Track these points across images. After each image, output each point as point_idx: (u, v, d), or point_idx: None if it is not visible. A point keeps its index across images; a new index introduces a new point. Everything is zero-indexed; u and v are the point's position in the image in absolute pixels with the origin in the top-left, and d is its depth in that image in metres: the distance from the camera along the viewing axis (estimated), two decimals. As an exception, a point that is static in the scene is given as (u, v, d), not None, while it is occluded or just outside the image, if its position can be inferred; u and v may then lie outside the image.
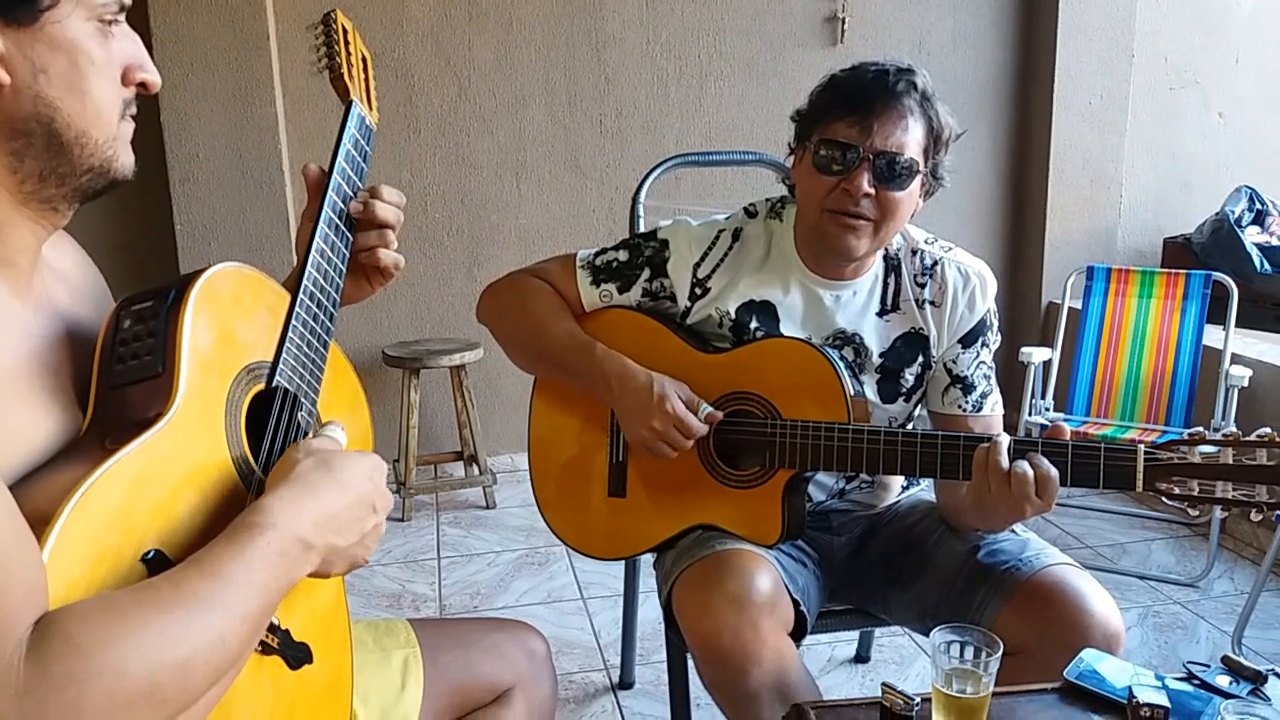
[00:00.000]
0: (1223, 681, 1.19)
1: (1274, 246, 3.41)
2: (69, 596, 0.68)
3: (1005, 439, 1.35)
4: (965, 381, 1.58)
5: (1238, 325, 2.97)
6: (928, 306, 1.57)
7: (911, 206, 1.49)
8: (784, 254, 1.58)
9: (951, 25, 3.71)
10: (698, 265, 1.59)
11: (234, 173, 3.27)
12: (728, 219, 1.63)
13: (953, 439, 1.41)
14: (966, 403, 1.58)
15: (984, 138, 3.81)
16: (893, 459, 1.43)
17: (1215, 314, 2.99)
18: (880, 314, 1.57)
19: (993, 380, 1.61)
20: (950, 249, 1.60)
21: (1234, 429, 1.32)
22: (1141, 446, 1.32)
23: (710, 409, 1.50)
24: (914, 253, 1.58)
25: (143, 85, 0.87)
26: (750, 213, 1.63)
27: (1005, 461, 1.33)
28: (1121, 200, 3.83)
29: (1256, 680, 1.19)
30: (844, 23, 3.58)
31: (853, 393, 1.47)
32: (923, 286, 1.57)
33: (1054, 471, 1.32)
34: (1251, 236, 3.47)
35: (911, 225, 1.59)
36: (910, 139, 1.44)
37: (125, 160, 0.87)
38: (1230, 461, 1.28)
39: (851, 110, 1.44)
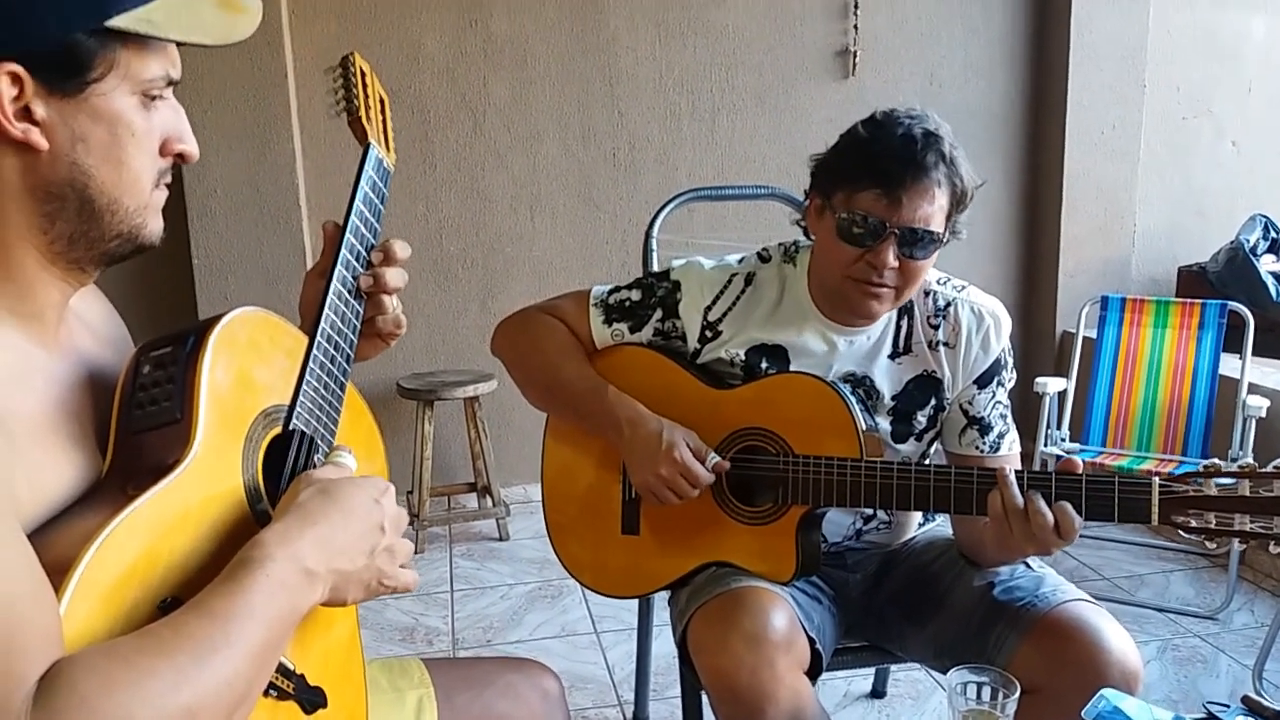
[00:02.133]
0: (1242, 723, 1.18)
1: (1290, 275, 3.39)
2: (85, 644, 0.69)
3: (1011, 475, 1.35)
4: (982, 422, 1.58)
5: (1254, 354, 2.95)
6: (941, 348, 1.57)
7: (931, 267, 1.50)
8: (797, 300, 1.58)
9: (963, 57, 3.73)
10: (709, 309, 1.59)
11: (252, 208, 3.31)
12: (740, 262, 1.63)
13: (965, 473, 1.40)
14: (984, 443, 1.58)
15: (997, 169, 3.82)
16: (905, 494, 1.43)
17: (1231, 343, 2.98)
18: (892, 356, 1.57)
19: (1009, 419, 1.61)
20: (964, 288, 1.60)
21: (1251, 460, 1.31)
22: (1156, 479, 1.31)
23: (718, 458, 1.50)
24: (927, 294, 1.58)
25: (180, 156, 0.89)
26: (764, 257, 1.63)
27: (1019, 498, 1.33)
28: (1135, 229, 3.82)
29: (1277, 722, 1.17)
30: (855, 56, 3.61)
31: (865, 427, 1.47)
32: (936, 328, 1.57)
33: (1073, 514, 1.31)
34: (1267, 265, 3.46)
35: None
36: (936, 209, 1.43)
37: (154, 227, 0.88)
38: (1247, 494, 1.27)
39: (879, 184, 1.41)
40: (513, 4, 3.43)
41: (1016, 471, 1.37)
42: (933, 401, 1.58)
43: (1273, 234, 3.61)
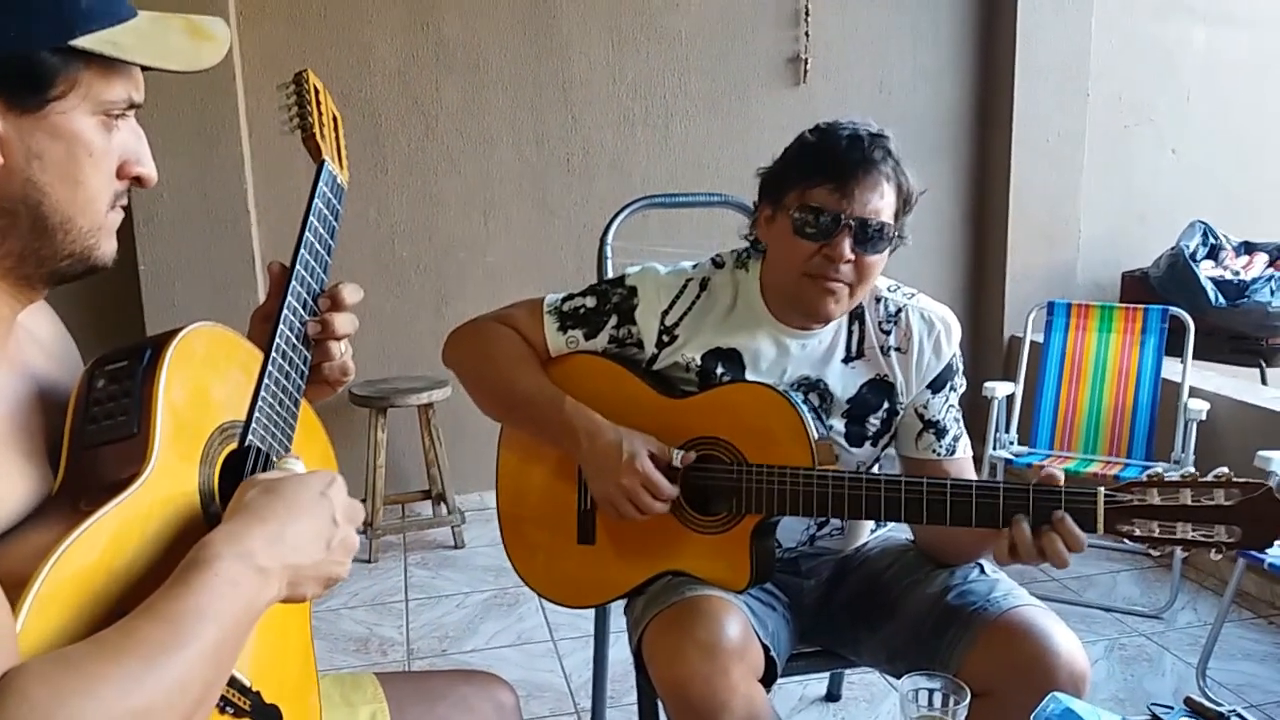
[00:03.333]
0: (1186, 723, 1.21)
1: (1227, 280, 3.48)
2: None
3: (1027, 532, 1.33)
4: (938, 426, 1.60)
5: (1194, 358, 3.02)
6: (893, 353, 1.59)
7: (882, 268, 1.52)
8: (750, 304, 1.59)
9: (912, 65, 3.78)
10: (665, 313, 1.59)
11: (199, 213, 3.25)
12: (695, 268, 1.64)
13: (915, 483, 1.42)
14: (940, 447, 1.60)
15: (945, 175, 3.88)
16: (858, 503, 1.44)
17: (1173, 347, 3.05)
18: (845, 360, 1.59)
19: (960, 423, 1.64)
20: (913, 295, 1.62)
21: (1191, 469, 1.34)
22: (1102, 490, 1.34)
23: (682, 452, 1.50)
24: (877, 300, 1.60)
25: (138, 180, 0.88)
26: (717, 263, 1.64)
27: (1031, 543, 1.33)
28: (1080, 235, 3.90)
29: (1219, 721, 1.20)
30: (806, 63, 3.64)
31: (817, 436, 1.48)
32: (887, 333, 1.59)
33: (1077, 547, 1.33)
34: (1206, 270, 3.55)
35: None
36: (885, 204, 1.47)
37: (106, 249, 0.87)
38: (1189, 502, 1.30)
39: (831, 177, 1.45)
40: (465, 8, 3.41)
41: (970, 482, 1.39)
42: (885, 405, 1.60)
43: (1211, 240, 3.70)
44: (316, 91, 1.11)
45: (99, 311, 3.20)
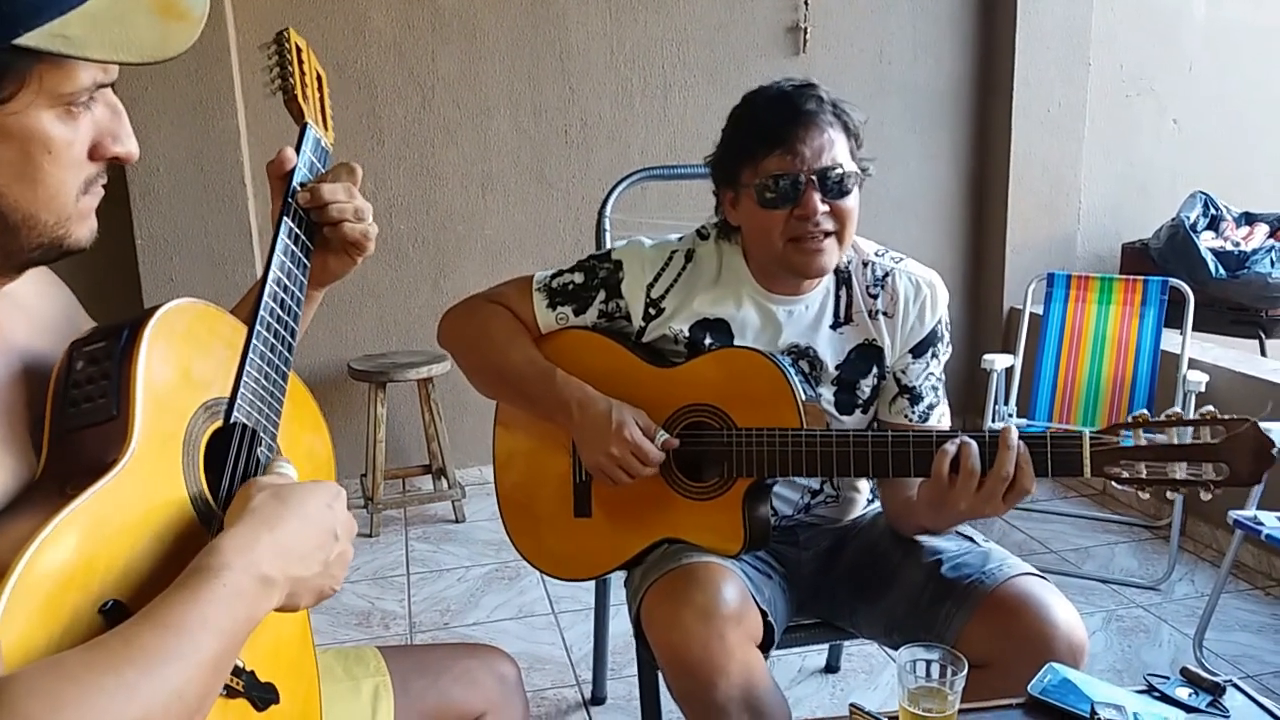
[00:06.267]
0: (1182, 694, 1.21)
1: (1228, 251, 3.47)
2: (25, 653, 0.67)
3: (974, 445, 1.36)
4: (913, 392, 1.61)
5: (1194, 330, 3.02)
6: (880, 317, 1.60)
7: (857, 207, 1.53)
8: (735, 272, 1.60)
9: (912, 35, 3.74)
10: (651, 285, 1.61)
11: (195, 186, 3.23)
12: (680, 240, 1.65)
13: (902, 439, 1.43)
14: (913, 413, 1.61)
15: (945, 145, 3.86)
16: (845, 460, 1.45)
17: (1172, 319, 3.04)
18: (834, 326, 1.60)
19: (940, 392, 1.64)
20: (901, 259, 1.63)
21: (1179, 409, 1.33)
22: (1087, 432, 1.35)
23: (666, 435, 1.52)
24: (865, 265, 1.61)
25: (116, 158, 0.82)
26: (702, 234, 1.65)
27: (978, 465, 1.35)
28: (1080, 206, 3.88)
29: (1215, 692, 1.21)
30: (806, 33, 3.61)
31: (804, 398, 1.49)
32: (875, 297, 1.60)
33: (1031, 472, 1.34)
34: (1206, 242, 3.54)
35: (862, 238, 1.62)
36: (839, 148, 1.49)
37: (80, 235, 0.82)
38: (1176, 442, 1.31)
39: (776, 142, 1.47)
40: (461, -23, 3.38)
41: (951, 429, 1.40)
42: (874, 370, 1.61)
43: (1212, 211, 3.69)
44: (299, 50, 1.10)
45: (99, 286, 3.18)
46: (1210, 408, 1.30)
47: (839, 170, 1.47)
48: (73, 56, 0.73)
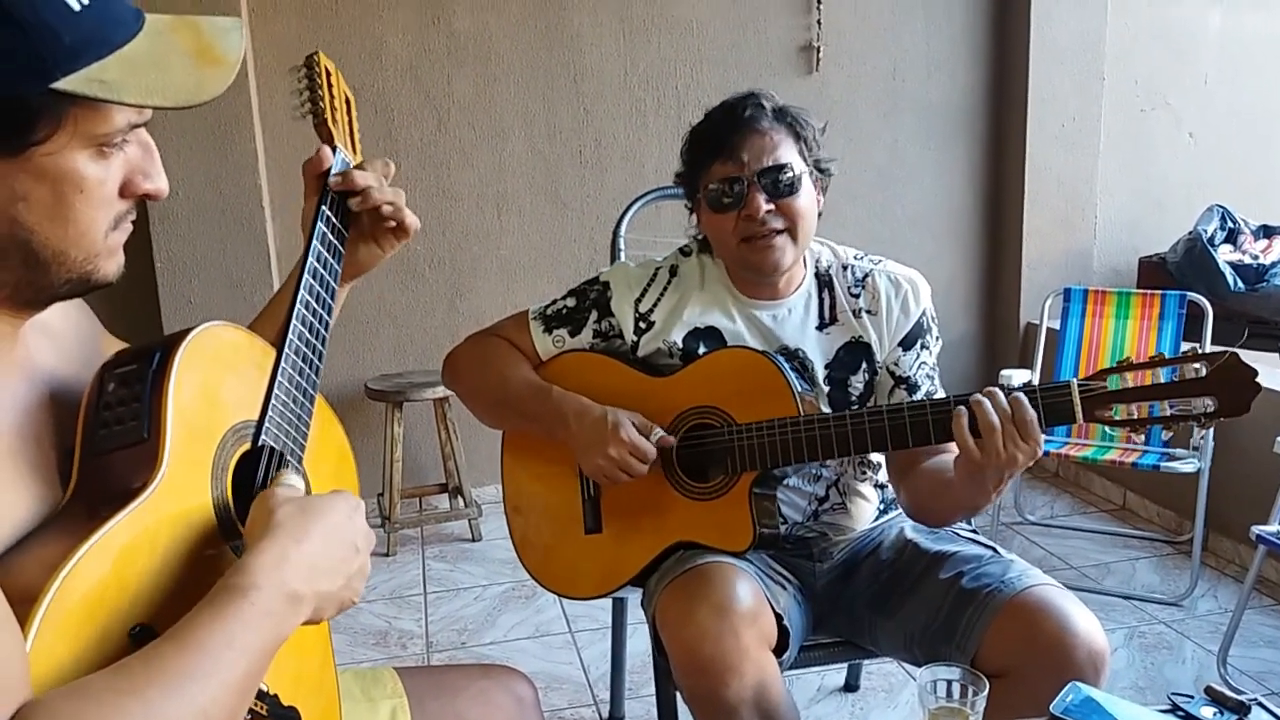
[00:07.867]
0: (1207, 713, 1.20)
1: (1246, 265, 3.45)
2: (55, 677, 0.67)
3: (986, 401, 1.35)
4: (909, 381, 1.65)
5: (1213, 343, 3.00)
6: (865, 315, 1.65)
7: (813, 205, 1.59)
8: (718, 282, 1.67)
9: (925, 52, 3.75)
10: (639, 300, 1.68)
11: (214, 209, 3.26)
12: (664, 258, 1.73)
13: (896, 409, 1.44)
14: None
15: (960, 161, 3.85)
16: (845, 440, 1.47)
17: (1191, 333, 3.02)
18: (820, 328, 1.65)
19: (936, 380, 1.68)
20: (880, 261, 1.69)
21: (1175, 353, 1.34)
22: (1075, 380, 1.35)
23: (662, 433, 1.56)
24: (845, 268, 1.68)
25: (146, 195, 0.83)
26: (684, 251, 1.73)
27: (996, 419, 1.34)
28: (1097, 221, 3.87)
29: (1240, 711, 1.19)
30: (819, 51, 3.62)
31: (800, 389, 1.53)
32: (857, 297, 1.66)
33: (1029, 410, 1.34)
34: (1224, 255, 3.52)
35: (843, 245, 1.70)
36: (781, 150, 1.55)
37: (107, 270, 0.83)
38: (1164, 380, 1.32)
39: (717, 151, 1.56)
40: (475, 1, 3.41)
41: (942, 398, 1.43)
42: (864, 365, 1.65)
43: (1230, 224, 3.67)
44: (328, 74, 1.11)
45: (117, 309, 3.21)
46: (1194, 345, 1.32)
47: (781, 168, 1.53)
48: (109, 101, 0.74)
